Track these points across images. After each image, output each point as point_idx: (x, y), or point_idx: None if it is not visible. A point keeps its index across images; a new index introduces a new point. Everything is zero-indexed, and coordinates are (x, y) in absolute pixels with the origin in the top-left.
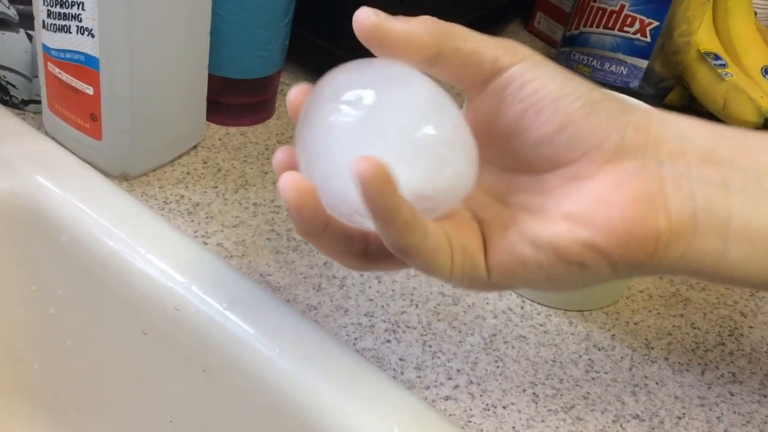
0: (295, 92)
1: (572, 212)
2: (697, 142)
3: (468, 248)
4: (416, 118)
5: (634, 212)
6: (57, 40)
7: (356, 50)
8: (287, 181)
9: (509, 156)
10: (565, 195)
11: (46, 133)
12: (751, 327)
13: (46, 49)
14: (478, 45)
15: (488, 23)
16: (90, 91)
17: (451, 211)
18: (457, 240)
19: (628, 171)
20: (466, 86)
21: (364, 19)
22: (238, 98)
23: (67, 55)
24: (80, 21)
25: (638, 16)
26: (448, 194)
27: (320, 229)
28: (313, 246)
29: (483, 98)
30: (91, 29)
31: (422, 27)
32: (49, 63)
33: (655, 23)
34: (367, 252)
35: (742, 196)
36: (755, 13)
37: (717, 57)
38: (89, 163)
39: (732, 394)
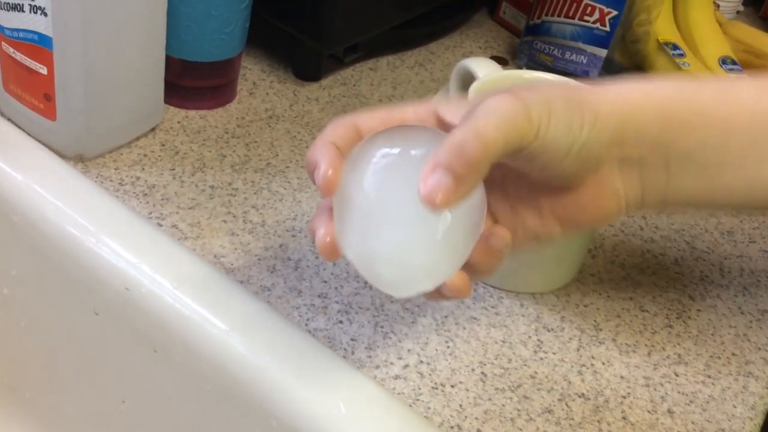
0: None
1: (563, 218)
2: (649, 134)
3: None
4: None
5: (606, 210)
6: (11, 19)
7: (317, 34)
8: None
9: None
10: (555, 202)
11: (2, 114)
12: (699, 310)
13: (1, 29)
14: (518, 131)
15: (454, 12)
16: (44, 70)
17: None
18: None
19: (600, 176)
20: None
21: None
22: (198, 81)
23: (21, 35)
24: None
25: (598, 5)
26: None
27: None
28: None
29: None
30: (44, 8)
31: (499, 137)
32: (3, 42)
33: (615, 12)
34: None
35: (677, 171)
36: (717, 6)
37: (675, 47)
38: (44, 144)
39: (677, 375)
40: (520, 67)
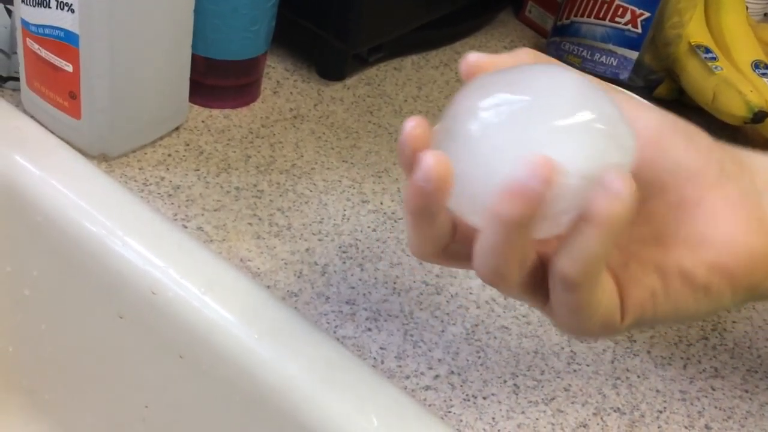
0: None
1: (690, 236)
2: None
3: (611, 289)
4: (573, 103)
5: (751, 230)
6: (36, 15)
7: (343, 33)
8: (432, 162)
9: None
10: (676, 221)
11: (24, 111)
12: (734, 322)
13: (25, 24)
14: None
15: (478, 12)
16: (69, 68)
17: None
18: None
19: (732, 196)
20: None
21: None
22: (223, 80)
23: (47, 31)
24: None
25: (630, 6)
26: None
27: (433, 214)
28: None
29: None
30: (71, 4)
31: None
32: (28, 39)
33: (647, 14)
34: (447, 250)
35: None
36: (746, 8)
37: (707, 50)
38: (68, 143)
39: (713, 389)
40: None
